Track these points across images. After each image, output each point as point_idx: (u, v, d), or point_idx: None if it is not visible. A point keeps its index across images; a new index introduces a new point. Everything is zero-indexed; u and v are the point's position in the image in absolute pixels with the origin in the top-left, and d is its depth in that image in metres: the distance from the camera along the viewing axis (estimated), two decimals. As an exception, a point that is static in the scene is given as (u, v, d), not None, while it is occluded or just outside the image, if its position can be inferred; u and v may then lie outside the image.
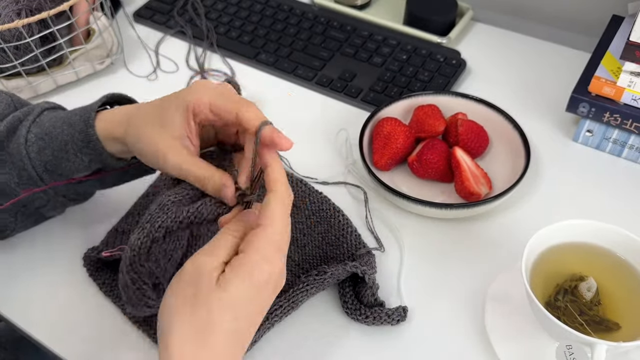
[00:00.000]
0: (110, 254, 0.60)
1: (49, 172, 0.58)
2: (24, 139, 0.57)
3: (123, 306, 0.61)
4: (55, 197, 0.60)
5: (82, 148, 0.57)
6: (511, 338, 0.57)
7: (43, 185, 0.58)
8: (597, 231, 0.57)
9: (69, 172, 0.58)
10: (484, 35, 0.93)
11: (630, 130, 0.72)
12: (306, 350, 0.59)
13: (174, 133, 0.53)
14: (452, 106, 0.76)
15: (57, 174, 0.58)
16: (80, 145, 0.57)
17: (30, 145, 0.57)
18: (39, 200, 0.59)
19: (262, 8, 0.97)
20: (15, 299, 0.63)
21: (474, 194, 0.67)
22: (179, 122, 0.53)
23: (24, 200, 0.59)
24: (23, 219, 0.61)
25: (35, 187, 0.58)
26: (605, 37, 0.79)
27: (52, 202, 0.60)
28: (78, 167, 0.57)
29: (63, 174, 0.58)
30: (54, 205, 0.61)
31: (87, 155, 0.57)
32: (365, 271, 0.58)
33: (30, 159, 0.57)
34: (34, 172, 0.57)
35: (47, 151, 0.57)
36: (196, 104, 0.52)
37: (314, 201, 0.69)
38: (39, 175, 0.57)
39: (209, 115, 0.53)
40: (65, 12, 0.78)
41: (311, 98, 0.85)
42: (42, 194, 0.59)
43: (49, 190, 0.58)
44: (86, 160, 0.57)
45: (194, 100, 0.52)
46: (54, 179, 0.58)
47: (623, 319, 0.53)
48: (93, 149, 0.56)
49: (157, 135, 0.53)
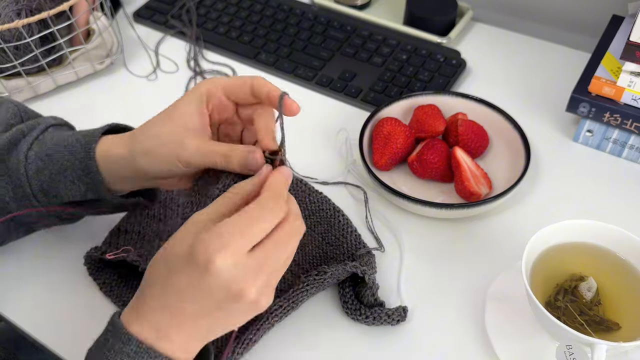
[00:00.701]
0: (115, 255, 0.60)
1: (44, 193, 0.57)
2: (24, 156, 0.56)
3: (123, 306, 0.61)
4: (48, 216, 0.59)
5: (80, 176, 0.56)
6: (511, 338, 0.57)
7: (37, 204, 0.57)
8: (597, 231, 0.57)
9: (64, 195, 0.57)
10: (484, 35, 0.93)
11: (631, 130, 0.72)
12: (306, 350, 0.59)
13: (186, 124, 0.53)
14: (452, 106, 0.76)
15: (52, 195, 0.57)
16: (80, 173, 0.56)
17: (29, 163, 0.56)
18: (30, 218, 0.59)
19: (262, 8, 0.97)
20: (15, 299, 0.63)
21: (474, 194, 0.67)
22: (192, 112, 0.53)
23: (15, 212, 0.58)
24: (15, 229, 0.61)
25: (29, 205, 0.57)
26: (605, 37, 0.79)
27: (44, 220, 0.60)
28: (74, 193, 0.57)
29: (58, 196, 0.57)
30: (45, 223, 0.61)
31: (84, 184, 0.56)
32: (365, 271, 0.58)
33: (28, 177, 0.56)
34: (29, 191, 0.56)
35: (46, 172, 0.56)
36: (209, 87, 0.54)
37: (314, 201, 0.69)
38: (34, 195, 0.57)
39: (222, 98, 0.54)
40: (65, 12, 0.78)
41: (311, 98, 0.85)
42: (36, 211, 0.58)
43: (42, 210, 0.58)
44: (83, 189, 0.57)
45: (206, 85, 0.54)
46: (49, 200, 0.57)
47: (623, 319, 0.53)
48: (91, 179, 0.56)
49: (169, 129, 0.53)
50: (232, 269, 0.43)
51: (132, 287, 0.63)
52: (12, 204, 0.57)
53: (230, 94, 0.54)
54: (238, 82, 0.54)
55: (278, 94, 0.52)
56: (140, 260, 0.59)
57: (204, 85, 0.54)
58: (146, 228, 0.66)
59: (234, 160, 0.51)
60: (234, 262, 0.43)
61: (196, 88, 0.54)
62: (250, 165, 0.51)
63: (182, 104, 0.54)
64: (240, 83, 0.54)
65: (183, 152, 0.52)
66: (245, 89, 0.54)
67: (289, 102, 0.52)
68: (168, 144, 0.53)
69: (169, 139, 0.53)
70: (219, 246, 0.43)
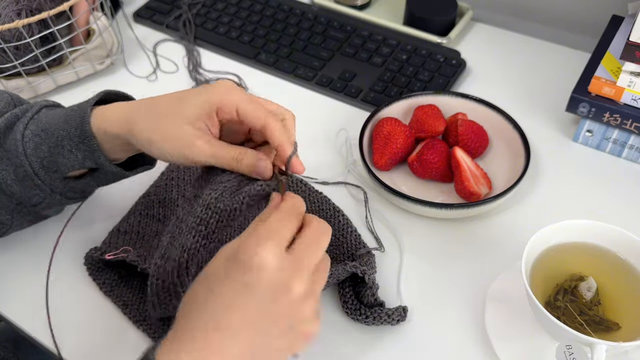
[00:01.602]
0: (114, 256, 0.60)
1: (45, 169, 0.57)
2: (21, 135, 0.57)
3: (123, 306, 0.61)
4: (51, 194, 0.59)
5: (77, 144, 0.56)
6: (511, 338, 0.57)
7: (39, 182, 0.57)
8: (597, 231, 0.57)
9: (64, 168, 0.57)
10: (484, 35, 0.94)
11: (630, 130, 0.72)
12: (306, 350, 0.59)
13: (194, 124, 0.53)
14: (452, 106, 0.76)
15: (52, 170, 0.57)
16: (76, 141, 0.56)
17: (27, 141, 0.57)
18: (35, 198, 0.59)
19: (262, 8, 0.97)
20: (15, 299, 0.63)
21: (474, 194, 0.67)
22: (202, 114, 0.53)
23: (20, 197, 0.59)
24: (19, 217, 0.61)
25: (32, 184, 0.58)
26: (605, 37, 0.79)
27: (49, 199, 0.60)
28: (73, 163, 0.57)
29: (58, 170, 0.58)
30: (50, 203, 0.61)
31: (81, 151, 0.57)
32: (365, 271, 0.58)
33: (27, 155, 0.57)
34: (30, 169, 0.57)
35: (44, 147, 0.57)
36: (224, 102, 0.53)
37: (314, 201, 0.69)
38: (35, 172, 0.57)
39: (233, 116, 0.54)
40: (65, 12, 0.78)
41: (311, 98, 0.85)
42: (39, 190, 0.58)
43: (45, 187, 0.58)
44: (80, 157, 0.57)
45: (222, 99, 0.53)
46: (50, 176, 0.58)
47: (623, 319, 0.53)
48: (88, 145, 0.56)
49: (179, 127, 0.53)
50: (277, 260, 0.43)
51: (132, 287, 0.63)
52: (15, 186, 0.58)
53: (242, 116, 0.54)
54: (252, 112, 0.53)
55: (288, 153, 0.53)
56: (139, 260, 0.59)
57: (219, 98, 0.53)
58: (145, 228, 0.66)
59: (243, 163, 0.52)
60: (277, 254, 0.44)
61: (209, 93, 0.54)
62: (259, 171, 0.52)
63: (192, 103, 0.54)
64: (254, 116, 0.53)
65: (191, 151, 0.53)
66: (257, 124, 0.53)
67: (295, 162, 0.54)
68: (175, 140, 0.53)
69: (177, 135, 0.53)
70: (262, 241, 0.44)
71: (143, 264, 0.59)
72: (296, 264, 0.45)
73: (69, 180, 0.59)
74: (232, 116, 0.54)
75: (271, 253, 0.43)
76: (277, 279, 0.43)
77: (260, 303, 0.43)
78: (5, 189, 0.58)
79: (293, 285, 0.44)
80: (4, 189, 0.58)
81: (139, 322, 0.60)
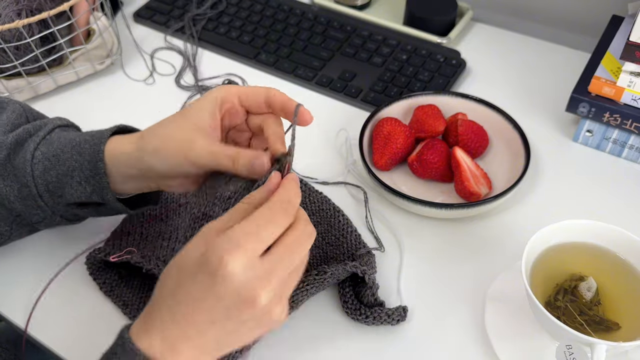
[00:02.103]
0: (118, 258, 0.60)
1: (50, 193, 0.57)
2: (31, 156, 0.57)
3: (123, 306, 0.61)
4: (52, 216, 0.59)
5: (88, 178, 0.56)
6: (511, 338, 0.57)
7: (42, 204, 0.58)
8: (597, 231, 0.57)
9: (69, 197, 0.57)
10: (484, 35, 0.94)
11: (630, 130, 0.72)
12: (306, 350, 0.59)
13: (198, 124, 0.54)
14: (452, 106, 0.76)
15: (57, 195, 0.57)
16: (87, 174, 0.56)
17: (36, 163, 0.57)
18: (35, 217, 0.59)
19: (262, 8, 0.97)
20: (15, 299, 0.63)
21: (474, 194, 0.67)
22: (204, 113, 0.54)
23: (20, 212, 0.59)
24: (18, 228, 0.61)
25: (34, 205, 0.58)
26: (605, 37, 0.79)
27: (49, 220, 0.60)
28: (80, 195, 0.57)
29: (63, 196, 0.58)
30: (49, 223, 0.61)
31: (90, 185, 0.57)
32: (365, 271, 0.58)
33: (34, 177, 0.56)
34: (35, 190, 0.57)
35: (52, 172, 0.57)
36: (225, 93, 0.55)
37: (314, 201, 0.69)
38: (39, 194, 0.57)
39: (235, 104, 0.55)
40: (66, 12, 0.78)
41: (311, 98, 0.85)
42: (40, 211, 0.58)
43: (47, 209, 0.58)
44: (89, 191, 0.57)
45: (221, 91, 0.55)
46: (53, 200, 0.58)
47: (623, 319, 0.53)
48: (98, 181, 0.56)
49: (180, 127, 0.54)
50: (243, 272, 0.43)
51: (132, 287, 0.63)
52: (16, 204, 0.58)
53: (244, 100, 0.56)
54: (253, 90, 0.56)
55: (293, 105, 0.54)
56: (143, 261, 0.59)
57: (219, 91, 0.55)
58: (148, 229, 0.66)
59: (240, 163, 0.52)
60: (245, 264, 0.43)
61: (210, 93, 0.55)
62: (256, 169, 0.51)
63: (195, 106, 0.55)
64: (255, 91, 0.55)
65: (192, 150, 0.53)
66: (259, 97, 0.55)
67: (303, 111, 0.54)
68: (177, 141, 0.53)
69: (179, 136, 0.53)
70: (230, 248, 0.43)
71: (148, 264, 0.59)
72: (267, 273, 0.44)
73: (71, 206, 0.59)
74: (234, 104, 0.55)
75: (238, 263, 0.42)
76: (243, 290, 0.43)
77: (227, 310, 0.44)
78: (6, 205, 0.58)
79: (259, 296, 0.43)
80: (6, 205, 0.58)
81: (139, 322, 0.60)
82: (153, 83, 0.88)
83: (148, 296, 0.62)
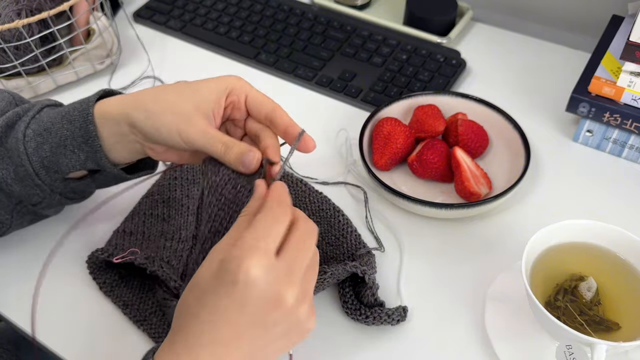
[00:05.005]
0: (122, 259, 0.60)
1: (46, 169, 0.57)
2: (22, 135, 0.56)
3: (123, 306, 0.61)
4: (51, 194, 0.59)
5: (80, 144, 0.56)
6: (511, 338, 0.57)
7: (39, 182, 0.57)
8: (597, 231, 0.57)
9: (65, 168, 0.57)
10: (484, 35, 0.94)
11: (630, 130, 0.72)
12: (306, 350, 0.59)
13: (201, 104, 0.53)
14: (452, 106, 0.76)
15: (53, 170, 0.57)
16: (79, 141, 0.56)
17: (28, 141, 0.56)
18: (35, 197, 0.59)
19: (262, 8, 0.97)
20: (16, 299, 0.63)
21: (474, 194, 0.67)
22: (212, 97, 0.54)
23: (20, 197, 0.59)
24: (19, 217, 0.61)
25: (32, 184, 0.58)
26: (605, 37, 0.79)
27: (48, 199, 0.60)
28: (74, 164, 0.57)
29: (59, 170, 0.57)
30: (49, 203, 0.61)
31: (83, 152, 0.56)
32: (365, 271, 0.58)
33: (28, 154, 0.56)
34: (30, 168, 0.57)
35: (46, 147, 0.57)
36: (236, 86, 0.55)
37: (314, 201, 0.69)
38: (35, 172, 0.57)
39: (241, 104, 0.55)
40: (65, 12, 0.78)
41: (311, 98, 0.85)
42: (39, 190, 0.58)
43: (45, 187, 0.58)
44: (82, 158, 0.57)
45: (234, 83, 0.55)
46: (50, 176, 0.58)
47: (623, 319, 0.53)
48: (91, 146, 0.56)
49: (183, 99, 0.53)
50: (265, 275, 0.42)
51: (132, 287, 0.63)
52: (14, 186, 0.58)
53: (249, 102, 0.56)
54: (261, 99, 0.56)
55: (297, 130, 0.54)
56: (147, 262, 0.59)
57: (232, 81, 0.55)
58: (151, 228, 0.66)
59: (232, 152, 0.52)
60: (265, 266, 0.43)
61: (224, 79, 0.55)
62: (245, 162, 0.52)
63: (204, 87, 0.55)
64: (263, 102, 0.55)
65: (188, 127, 0.52)
66: (263, 109, 0.55)
67: (307, 138, 0.54)
68: (174, 114, 0.53)
69: (179, 109, 0.53)
70: (247, 253, 0.43)
71: (152, 266, 0.58)
72: (287, 270, 0.44)
73: (69, 181, 0.59)
74: (239, 100, 0.55)
75: (258, 266, 0.42)
76: (268, 291, 0.43)
77: (253, 316, 0.43)
78: (5, 188, 0.58)
79: (285, 294, 0.43)
80: (4, 188, 0.58)
81: (139, 322, 0.60)
82: (153, 82, 0.88)
83: (148, 296, 0.62)
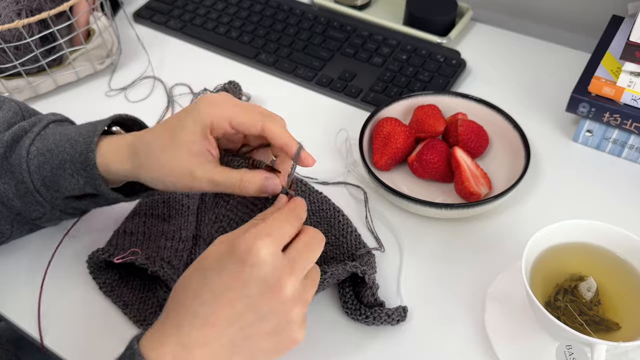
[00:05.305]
0: (122, 259, 0.60)
1: (47, 187, 0.57)
2: (26, 152, 0.57)
3: (123, 306, 0.61)
4: (52, 211, 0.60)
5: (79, 170, 0.56)
6: (511, 338, 0.57)
7: (40, 199, 0.58)
8: (597, 231, 0.57)
9: (64, 190, 0.58)
10: (484, 35, 0.94)
11: (630, 130, 0.72)
12: (306, 350, 0.59)
13: (191, 150, 0.53)
14: (452, 106, 0.76)
15: (53, 189, 0.58)
16: (79, 167, 0.56)
17: (31, 158, 0.57)
18: (35, 213, 0.59)
19: (262, 8, 0.97)
20: (15, 299, 0.63)
21: (474, 194, 0.67)
22: (196, 138, 0.53)
23: (20, 211, 0.59)
24: (18, 227, 0.61)
25: (33, 200, 0.58)
26: (605, 37, 0.79)
27: (49, 215, 0.60)
28: (73, 187, 0.57)
29: (59, 190, 0.58)
30: (50, 218, 0.61)
31: (82, 177, 0.56)
32: (365, 271, 0.58)
33: (30, 172, 0.57)
34: (31, 186, 0.57)
35: (47, 167, 0.57)
36: (215, 119, 0.53)
37: (314, 201, 0.69)
38: (36, 189, 0.57)
39: (228, 130, 0.54)
40: (65, 12, 0.78)
41: (311, 98, 0.85)
42: (39, 206, 0.59)
43: (46, 204, 0.58)
44: (81, 182, 0.57)
45: (212, 117, 0.53)
46: (51, 194, 0.58)
47: (623, 319, 0.53)
48: (89, 173, 0.56)
49: (175, 157, 0.53)
50: (272, 259, 0.45)
51: (132, 287, 0.63)
52: (15, 201, 0.58)
53: (237, 127, 0.53)
54: (246, 119, 0.53)
55: (294, 147, 0.53)
56: (148, 262, 0.59)
57: (208, 115, 0.53)
58: (151, 228, 0.66)
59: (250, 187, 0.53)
60: (273, 252, 0.45)
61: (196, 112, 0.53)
62: (268, 190, 0.54)
63: (183, 127, 0.53)
64: (249, 121, 0.53)
65: (193, 183, 0.53)
66: (253, 129, 0.53)
67: (304, 155, 0.54)
68: (176, 175, 0.53)
69: (178, 169, 0.53)
70: (259, 237, 0.45)
71: (153, 266, 0.59)
72: (290, 264, 0.46)
73: (69, 199, 0.60)
74: (226, 130, 0.53)
75: (268, 249, 0.44)
76: (270, 276, 0.45)
77: (250, 298, 0.45)
78: (6, 202, 0.58)
79: (286, 284, 0.45)
80: (5, 202, 0.58)
81: (139, 322, 0.60)
82: (153, 82, 0.88)
83: (148, 296, 0.62)
